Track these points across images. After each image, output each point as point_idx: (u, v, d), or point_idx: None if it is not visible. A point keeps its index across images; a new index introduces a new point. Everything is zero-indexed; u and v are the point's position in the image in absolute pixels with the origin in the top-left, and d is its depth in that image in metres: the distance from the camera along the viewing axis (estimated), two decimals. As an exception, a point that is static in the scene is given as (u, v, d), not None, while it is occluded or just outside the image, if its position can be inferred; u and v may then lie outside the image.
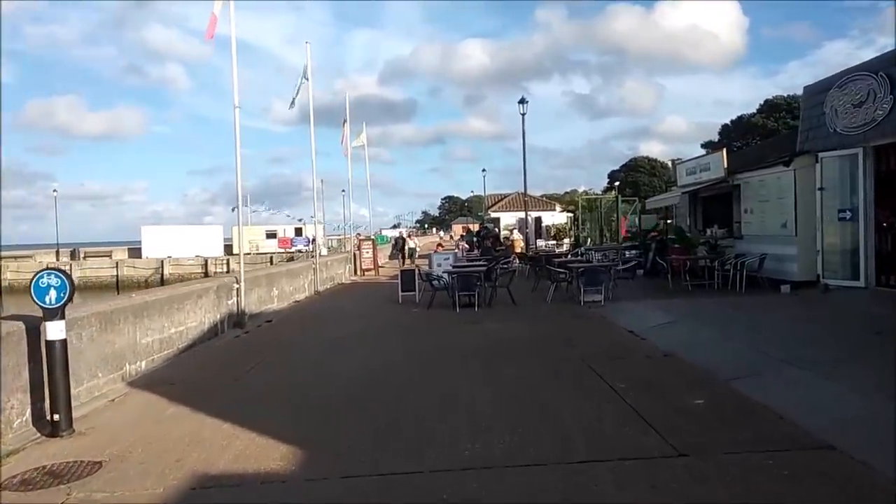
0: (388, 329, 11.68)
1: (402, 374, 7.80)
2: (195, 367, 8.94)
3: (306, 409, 6.50)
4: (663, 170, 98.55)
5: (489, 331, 10.82)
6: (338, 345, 10.30)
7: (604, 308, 12.59)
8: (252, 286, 13.55)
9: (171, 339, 9.58)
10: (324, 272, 21.16)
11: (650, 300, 13.21)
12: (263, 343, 10.76)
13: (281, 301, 15.62)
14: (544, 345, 9.33)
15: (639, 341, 9.31)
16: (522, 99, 28.89)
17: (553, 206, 39.83)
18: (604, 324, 11.03)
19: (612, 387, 6.68)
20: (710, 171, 16.91)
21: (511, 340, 9.82)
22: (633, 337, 9.62)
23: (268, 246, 57.69)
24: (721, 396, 6.23)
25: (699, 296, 13.66)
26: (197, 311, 10.62)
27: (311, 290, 18.86)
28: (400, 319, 12.88)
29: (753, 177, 15.16)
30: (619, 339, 9.50)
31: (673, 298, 13.28)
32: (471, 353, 8.87)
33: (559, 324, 11.27)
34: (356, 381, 7.52)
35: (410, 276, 15.74)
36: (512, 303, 13.85)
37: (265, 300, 14.41)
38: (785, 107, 70.22)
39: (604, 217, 30.44)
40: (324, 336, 11.23)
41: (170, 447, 5.48)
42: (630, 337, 9.65)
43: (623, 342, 9.28)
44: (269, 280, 14.75)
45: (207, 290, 11.13)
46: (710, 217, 18.42)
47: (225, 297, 11.88)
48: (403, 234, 32.06)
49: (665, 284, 15.22)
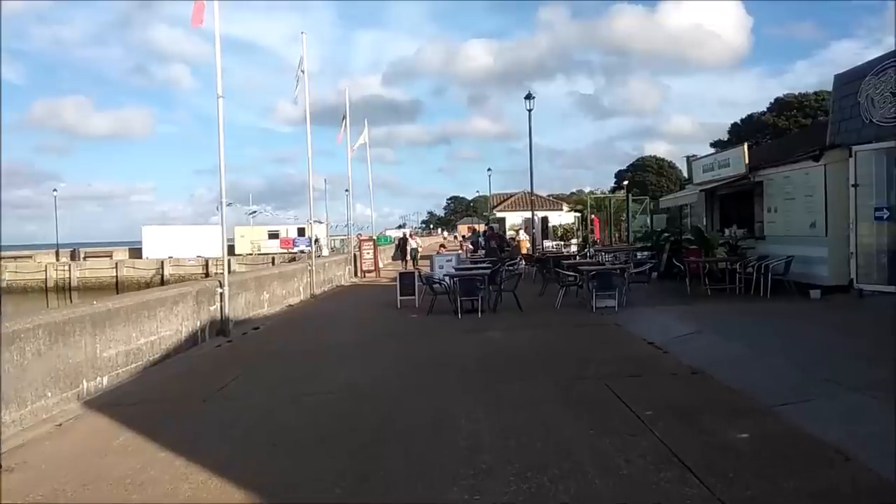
0: (382, 338, 10.71)
1: (392, 397, 6.81)
2: (164, 384, 8.00)
3: (277, 441, 5.53)
4: (671, 169, 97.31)
5: (493, 341, 9.85)
6: (326, 357, 9.34)
7: (618, 315, 11.58)
8: (239, 290, 12.62)
9: (139, 350, 8.64)
10: (321, 274, 20.21)
11: (667, 306, 12.19)
12: (246, 354, 9.81)
13: (272, 305, 14.68)
14: (555, 358, 8.33)
15: (660, 355, 8.30)
16: (529, 94, 27.88)
17: (560, 205, 38.77)
18: (619, 333, 10.02)
19: (636, 414, 5.68)
20: (730, 168, 15.86)
21: (517, 353, 8.83)
22: (653, 350, 8.62)
23: (270, 246, 56.80)
24: (768, 428, 5.22)
25: (720, 302, 12.64)
26: (172, 319, 9.68)
27: (306, 293, 17.91)
28: (397, 327, 11.92)
29: (778, 173, 14.11)
30: (637, 353, 8.49)
31: (692, 304, 12.27)
32: (472, 368, 7.89)
33: (570, 333, 10.28)
34: (340, 405, 6.55)
35: (410, 279, 14.78)
36: (518, 308, 12.86)
37: (254, 305, 13.47)
38: (796, 105, 69.00)
39: (613, 217, 29.37)
40: (312, 346, 10.28)
41: (106, 490, 4.54)
42: (650, 350, 8.64)
43: (643, 356, 8.27)
44: (258, 283, 13.80)
45: (185, 295, 10.19)
46: (728, 216, 17.37)
47: (206, 303, 10.94)
48: (405, 233, 30.92)
49: (682, 288, 14.21)
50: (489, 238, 24.94)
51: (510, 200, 40.90)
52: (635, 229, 27.83)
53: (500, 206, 41.10)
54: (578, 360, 8.07)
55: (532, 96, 27.86)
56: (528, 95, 27.88)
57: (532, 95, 27.91)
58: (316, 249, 49.15)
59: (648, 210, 29.65)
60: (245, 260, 52.10)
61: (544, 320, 11.62)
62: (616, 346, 9.02)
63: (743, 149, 15.24)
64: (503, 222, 37.56)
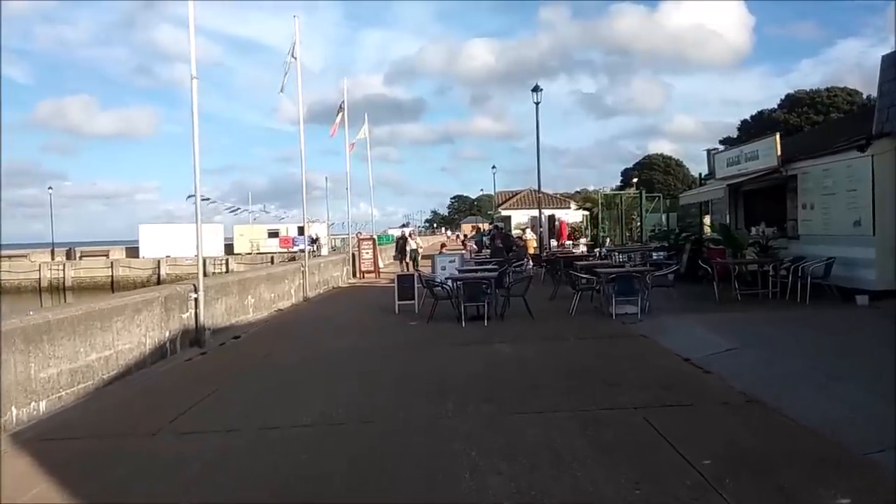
0: (375, 351, 9.44)
1: (377, 435, 5.53)
2: (115, 409, 6.74)
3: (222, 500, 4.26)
4: (678, 168, 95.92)
5: (501, 356, 8.56)
6: (307, 374, 8.07)
7: (642, 324, 10.28)
8: (218, 294, 11.36)
9: (89, 368, 7.39)
10: (315, 275, 18.94)
11: (696, 314, 10.89)
12: (218, 369, 8.54)
13: (258, 311, 13.42)
14: (576, 379, 7.04)
15: (701, 375, 7.01)
16: (536, 87, 26.55)
17: (568, 203, 37.36)
18: (648, 347, 8.72)
19: (691, 463, 4.40)
20: (759, 161, 14.53)
21: (530, 372, 7.54)
22: (691, 368, 7.32)
23: (269, 245, 55.58)
24: (877, 490, 3.93)
25: (755, 309, 11.33)
26: (133, 329, 8.42)
27: (298, 296, 16.65)
28: (393, 337, 10.64)
29: (815, 165, 12.77)
30: (674, 372, 7.19)
31: (724, 312, 10.97)
32: (477, 393, 6.60)
33: (591, 346, 8.98)
34: (310, 448, 5.27)
35: (409, 281, 13.49)
36: (529, 315, 11.57)
37: (236, 311, 12.20)
38: (807, 101, 67.49)
39: (624, 215, 28.02)
40: (294, 360, 9.01)
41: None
42: (688, 369, 7.34)
43: (681, 377, 6.98)
44: (241, 286, 12.53)
45: (150, 301, 8.93)
46: (754, 214, 16.03)
47: (178, 310, 9.68)
48: (405, 232, 29.15)
49: (708, 293, 12.89)
50: (495, 237, 23.64)
51: (516, 198, 39.50)
52: (648, 228, 26.51)
53: (505, 204, 39.70)
54: (605, 382, 6.78)
55: (539, 88, 26.53)
56: (536, 88, 26.55)
57: (539, 88, 26.59)
58: (315, 249, 48.25)
59: (661, 208, 28.30)
60: (244, 259, 50.95)
61: (559, 330, 10.32)
62: (647, 363, 7.71)
63: (775, 139, 13.90)
64: (508, 221, 36.22)
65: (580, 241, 30.45)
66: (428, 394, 6.63)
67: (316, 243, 50.43)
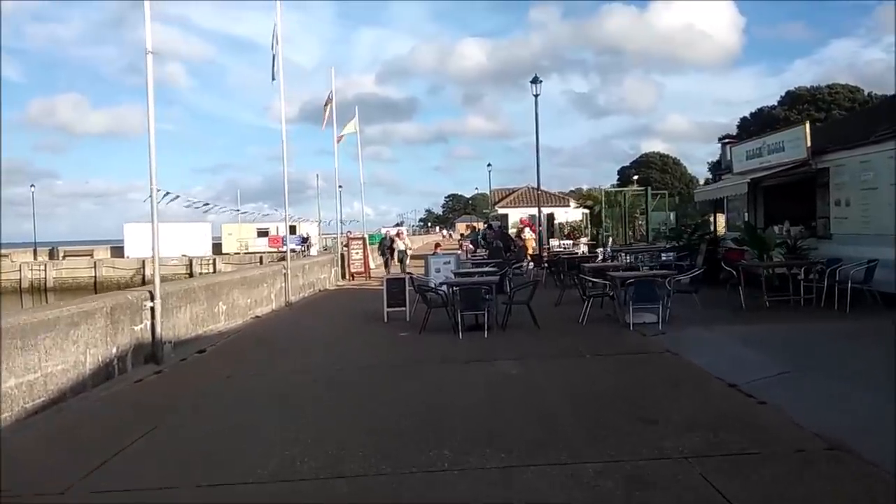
0: (357, 372, 8.08)
1: (350, 494, 4.19)
2: (24, 452, 5.37)
3: None
4: (675, 166, 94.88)
5: (507, 379, 7.22)
6: (272, 403, 6.71)
7: (666, 337, 8.96)
8: (181, 302, 9.98)
9: (6, 397, 6.02)
10: (300, 278, 17.57)
11: (726, 325, 9.61)
12: (168, 395, 7.18)
13: (232, 318, 12.03)
14: (601, 412, 5.71)
15: (756, 409, 5.68)
16: (536, 78, 25.19)
17: (567, 201, 36.06)
18: (680, 368, 7.39)
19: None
20: (784, 153, 13.23)
21: (544, 400, 6.22)
22: (741, 398, 6.00)
23: (258, 245, 54.03)
24: None
25: (791, 318, 10.04)
26: (68, 347, 7.04)
27: (280, 300, 15.28)
28: (380, 352, 9.28)
29: (852, 157, 11.48)
30: (722, 404, 5.86)
31: (758, 323, 9.69)
32: (479, 431, 5.26)
33: (611, 366, 7.65)
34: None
35: (399, 286, 12.11)
36: (534, 324, 10.24)
37: (204, 319, 10.81)
38: (808, 98, 66.47)
39: (627, 213, 26.73)
40: (258, 383, 7.65)
41: None
42: (737, 399, 6.02)
43: (732, 410, 5.65)
44: (210, 292, 11.13)
45: (91, 313, 7.54)
46: (775, 211, 14.72)
47: (128, 322, 8.30)
48: (391, 232, 27.21)
49: (730, 298, 11.60)
50: (494, 237, 22.30)
51: (513, 196, 38.10)
52: (652, 226, 25.25)
53: (501, 203, 38.32)
54: (639, 418, 5.45)
55: (539, 80, 25.20)
56: (535, 79, 25.20)
57: (539, 79, 25.27)
58: (305, 248, 46.81)
59: (666, 206, 27.06)
60: (231, 259, 49.48)
61: (570, 344, 8.99)
62: (684, 389, 6.38)
63: (804, 128, 12.59)
64: (505, 219, 34.89)
65: (580, 241, 29.19)
66: (418, 435, 5.27)
67: (306, 242, 49.05)
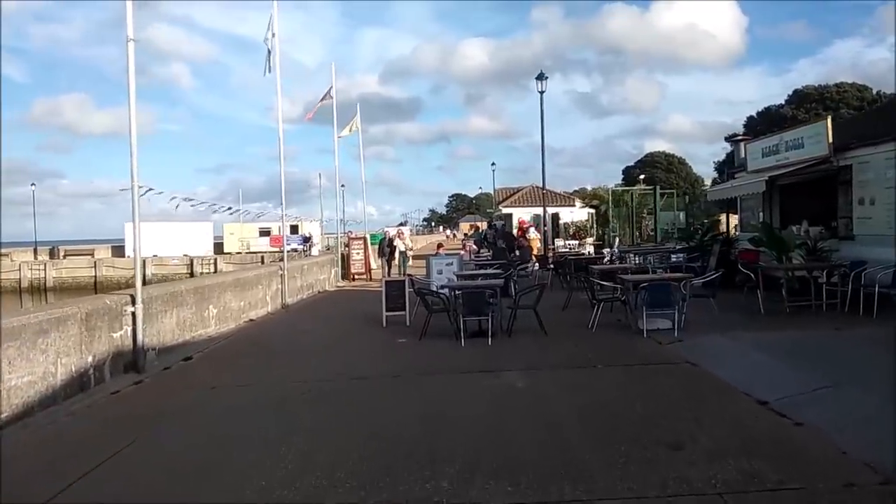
0: (350, 383, 7.48)
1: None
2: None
3: None
4: (681, 165, 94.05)
5: (513, 393, 6.62)
6: (255, 419, 6.12)
7: (683, 345, 8.36)
8: (167, 306, 9.42)
9: (-41, 414, 5.46)
10: (297, 279, 17.00)
11: (745, 331, 8.99)
12: (145, 409, 6.61)
13: (224, 322, 11.47)
14: (619, 434, 5.10)
15: (792, 431, 5.08)
16: (541, 74, 24.62)
17: (573, 201, 35.42)
18: (702, 381, 6.78)
19: None
20: (804, 149, 12.59)
21: (555, 419, 5.62)
22: (774, 419, 5.39)
23: (260, 244, 53.50)
24: None
25: (816, 324, 9.41)
26: (36, 357, 6.48)
27: (276, 303, 14.70)
28: (376, 360, 8.70)
29: (876, 154, 10.84)
30: (754, 426, 5.25)
31: (781, 330, 9.06)
32: (483, 455, 4.67)
33: (626, 378, 7.05)
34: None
35: (399, 288, 11.52)
36: (541, 331, 9.64)
37: (193, 324, 10.25)
38: (816, 97, 65.65)
39: (635, 213, 26.08)
40: (243, 397, 7.06)
41: None
42: (770, 419, 5.41)
43: (766, 433, 5.04)
44: (198, 295, 10.56)
45: (63, 320, 6.98)
46: (792, 211, 14.07)
47: (105, 328, 7.74)
48: (391, 231, 26.25)
49: (748, 303, 10.99)
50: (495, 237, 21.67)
51: (517, 195, 37.45)
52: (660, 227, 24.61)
53: (505, 202, 37.66)
54: (662, 443, 4.85)
55: (545, 76, 24.63)
56: (541, 76, 24.63)
57: (545, 76, 24.69)
58: (307, 248, 46.30)
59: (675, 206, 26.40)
60: (233, 259, 49.02)
61: (580, 352, 8.40)
62: (709, 407, 5.77)
63: (825, 124, 11.95)
64: (510, 219, 34.27)
65: (586, 241, 28.57)
66: (413, 462, 4.69)
67: (308, 242, 48.53)
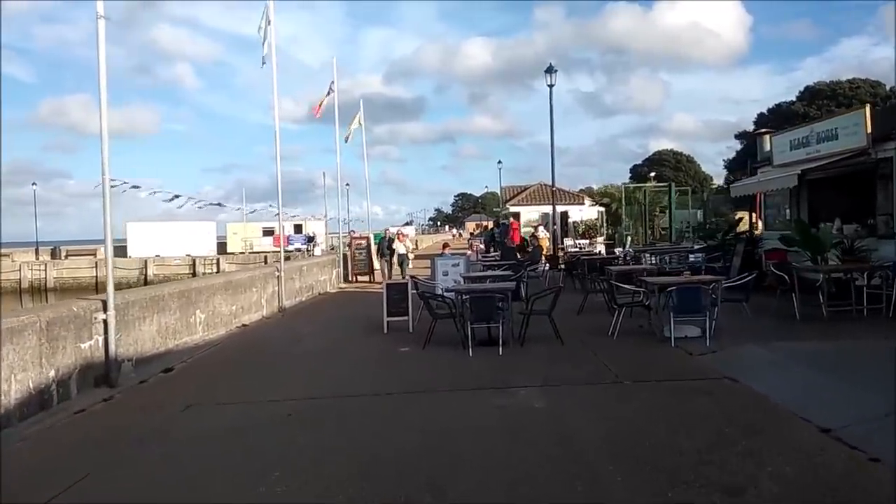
0: (342, 403, 6.63)
1: None
2: None
3: None
4: (689, 164, 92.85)
5: (528, 416, 5.75)
6: (230, 445, 5.28)
7: (716, 357, 7.48)
8: (146, 312, 8.59)
9: None
10: (296, 280, 16.19)
11: (783, 340, 8.11)
12: (109, 434, 5.78)
13: (213, 328, 10.65)
14: (662, 475, 4.23)
15: (868, 467, 4.20)
16: (550, 67, 23.72)
17: (582, 199, 34.48)
18: (746, 402, 5.87)
19: None
20: (838, 141, 11.68)
21: (581, 452, 4.75)
22: (842, 451, 4.50)
23: (264, 244, 52.75)
24: None
25: (859, 332, 8.54)
26: (-15, 374, 5.67)
27: (272, 306, 13.89)
28: (373, 374, 7.84)
29: (923, 144, 9.95)
30: (820, 461, 4.37)
31: (822, 339, 8.19)
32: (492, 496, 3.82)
33: (659, 398, 6.15)
34: None
35: (401, 291, 10.67)
36: (556, 338, 8.77)
37: (177, 331, 9.43)
38: (828, 93, 64.44)
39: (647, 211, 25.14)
40: (219, 421, 6.22)
41: None
42: (836, 450, 4.52)
43: (837, 472, 4.17)
44: (185, 299, 9.74)
45: (18, 330, 6.16)
46: (822, 207, 13.15)
47: (72, 338, 6.93)
48: (392, 231, 25.10)
49: (780, 307, 10.10)
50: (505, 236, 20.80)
51: (525, 193, 36.47)
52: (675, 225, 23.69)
53: (512, 200, 36.67)
54: (715, 484, 3.98)
55: (554, 69, 23.73)
56: (550, 68, 23.72)
57: (554, 69, 23.79)
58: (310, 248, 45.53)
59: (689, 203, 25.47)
60: (236, 259, 48.34)
61: (603, 365, 7.52)
62: (765, 436, 4.88)
63: (863, 112, 11.02)
64: (518, 218, 33.39)
65: (597, 240, 27.65)
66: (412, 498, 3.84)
67: (312, 241, 47.78)
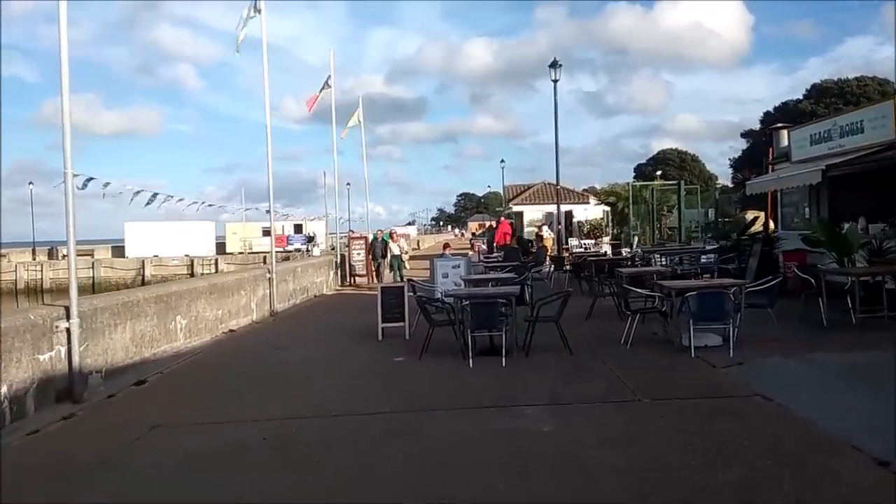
0: (328, 420, 5.91)
1: None
2: None
3: None
4: (694, 163, 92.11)
5: (535, 440, 5.03)
6: (194, 480, 4.57)
7: (743, 369, 6.76)
8: (118, 319, 7.88)
9: None
10: (289, 283, 15.50)
11: (815, 351, 7.38)
12: (62, 460, 5.09)
13: (194, 335, 9.95)
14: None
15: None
16: (555, 62, 23.01)
17: (587, 198, 33.76)
18: (785, 426, 5.14)
19: None
20: (864, 135, 10.94)
21: (599, 491, 4.03)
22: (913, 492, 3.79)
23: (263, 244, 52.07)
24: None
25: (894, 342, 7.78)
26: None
27: (263, 310, 13.18)
28: (365, 387, 7.13)
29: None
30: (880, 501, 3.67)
31: (857, 349, 7.47)
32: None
33: (683, 418, 5.41)
34: None
35: (396, 296, 9.96)
36: (565, 348, 8.05)
37: (154, 339, 8.72)
38: (836, 91, 63.65)
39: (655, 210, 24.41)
40: (194, 436, 5.51)
41: None
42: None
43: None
44: (162, 304, 9.03)
45: (-40, 343, 5.48)
46: (844, 206, 12.38)
47: (29, 349, 6.24)
48: (382, 232, 22.75)
49: (805, 312, 9.38)
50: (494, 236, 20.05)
51: (528, 192, 35.76)
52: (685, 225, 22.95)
53: (516, 199, 35.96)
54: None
55: (559, 64, 23.03)
56: (554, 63, 23.02)
57: (559, 63, 23.09)
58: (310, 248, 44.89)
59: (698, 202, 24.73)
60: (235, 259, 47.69)
61: (617, 379, 6.79)
62: (813, 470, 4.16)
63: (893, 104, 10.31)
64: (521, 217, 32.71)
65: (603, 240, 26.93)
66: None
67: (311, 241, 47.14)
